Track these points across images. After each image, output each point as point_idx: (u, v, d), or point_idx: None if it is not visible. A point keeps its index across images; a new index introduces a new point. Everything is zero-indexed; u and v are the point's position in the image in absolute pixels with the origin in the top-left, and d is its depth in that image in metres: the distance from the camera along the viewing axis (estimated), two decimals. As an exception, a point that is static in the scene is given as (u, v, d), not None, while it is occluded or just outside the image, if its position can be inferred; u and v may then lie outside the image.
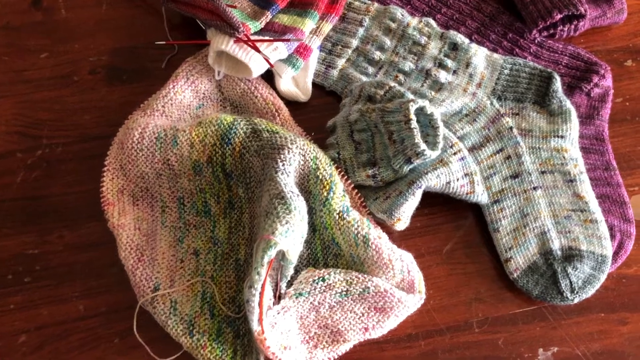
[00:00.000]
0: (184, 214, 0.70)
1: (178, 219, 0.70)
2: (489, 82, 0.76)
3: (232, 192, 0.70)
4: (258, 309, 0.58)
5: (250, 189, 0.69)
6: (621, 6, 0.81)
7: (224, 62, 0.75)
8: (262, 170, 0.67)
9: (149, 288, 0.66)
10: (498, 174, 0.73)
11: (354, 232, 0.66)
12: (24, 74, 0.78)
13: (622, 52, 0.83)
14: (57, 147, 0.75)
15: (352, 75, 0.77)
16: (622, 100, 0.80)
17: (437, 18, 0.82)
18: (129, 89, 0.78)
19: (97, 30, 0.81)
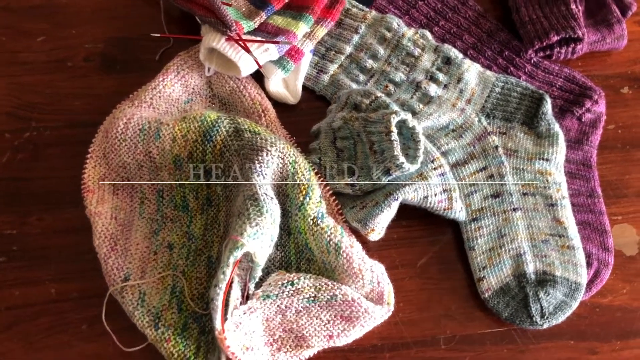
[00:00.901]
0: (162, 206, 0.71)
1: (156, 211, 0.71)
2: (479, 99, 0.76)
3: (210, 189, 0.70)
4: (221, 308, 0.59)
5: (228, 187, 0.70)
6: (621, 32, 0.80)
7: (215, 59, 0.75)
8: (240, 170, 0.67)
9: (119, 277, 0.67)
10: (479, 192, 0.72)
11: (326, 238, 0.66)
12: (19, 56, 0.79)
13: (619, 79, 0.82)
14: (46, 131, 0.76)
15: (343, 81, 0.77)
16: (615, 128, 0.79)
17: (434, 30, 0.81)
18: (122, 78, 0.79)
19: (95, 18, 0.81)
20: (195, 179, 0.70)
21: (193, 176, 0.70)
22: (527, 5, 0.80)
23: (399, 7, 0.82)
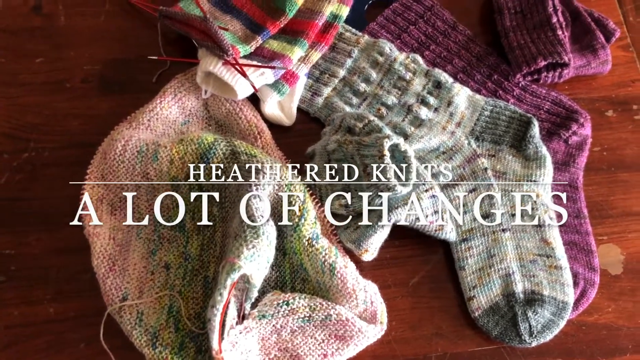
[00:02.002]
0: (158, 227, 0.72)
1: (153, 231, 0.72)
2: (469, 122, 0.78)
3: (210, 209, 0.72)
4: (218, 328, 0.60)
5: (224, 208, 0.71)
6: (606, 58, 0.83)
7: (212, 82, 0.77)
8: (237, 192, 0.69)
9: (117, 297, 0.68)
10: (469, 213, 0.74)
11: (321, 259, 0.67)
12: (18, 77, 0.80)
13: (604, 102, 0.84)
14: (44, 152, 0.77)
15: (337, 104, 0.79)
16: (600, 150, 0.82)
17: (425, 54, 0.83)
18: (119, 99, 0.80)
19: (94, 39, 0.83)
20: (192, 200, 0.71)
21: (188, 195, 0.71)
22: (515, 30, 0.83)
23: (391, 31, 0.85)
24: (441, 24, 0.85)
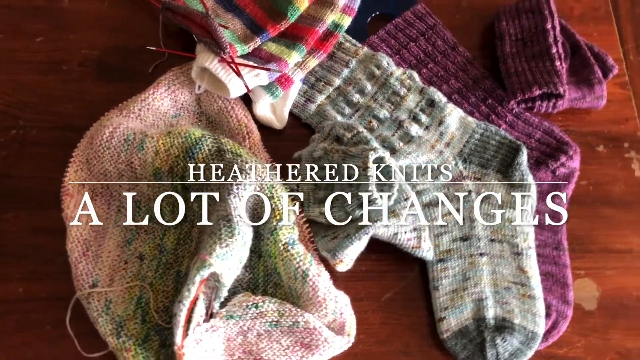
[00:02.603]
0: (137, 217, 0.72)
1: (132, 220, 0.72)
2: (458, 143, 0.78)
3: (187, 204, 0.72)
4: (183, 324, 0.60)
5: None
6: (601, 93, 0.83)
7: (207, 78, 0.77)
8: (218, 190, 0.69)
9: (87, 283, 0.68)
10: (448, 234, 0.74)
11: (295, 265, 0.67)
12: (17, 54, 0.80)
13: (595, 137, 0.84)
14: (32, 130, 0.77)
15: (329, 112, 0.79)
16: (587, 184, 0.81)
17: (422, 72, 0.84)
18: (114, 86, 0.80)
19: (95, 25, 0.83)
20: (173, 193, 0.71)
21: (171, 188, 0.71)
22: (514, 57, 0.83)
23: (391, 46, 0.85)
24: (441, 44, 0.85)
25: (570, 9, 0.92)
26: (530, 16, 0.84)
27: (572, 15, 0.92)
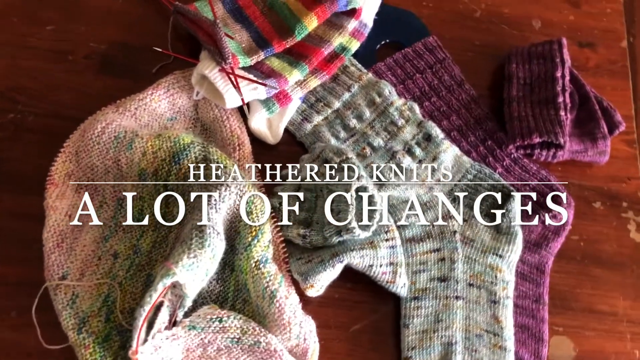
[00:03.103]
0: (118, 215, 0.72)
1: (111, 218, 0.72)
2: (450, 181, 0.77)
3: (168, 209, 0.71)
4: (139, 328, 0.59)
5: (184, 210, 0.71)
6: (604, 148, 0.81)
7: (206, 85, 0.77)
8: (198, 198, 0.68)
9: (57, 274, 0.68)
10: (427, 272, 0.73)
11: (264, 284, 0.66)
12: (26, 40, 0.82)
13: (594, 192, 0.82)
14: (29, 116, 0.78)
15: (324, 134, 0.79)
16: (578, 239, 0.79)
17: (425, 105, 0.83)
18: (115, 82, 0.81)
19: (107, 19, 0.84)
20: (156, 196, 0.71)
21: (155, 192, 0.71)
22: (519, 101, 0.82)
23: (396, 75, 0.84)
24: (448, 79, 0.84)
25: (586, 60, 0.91)
26: (541, 62, 0.83)
27: (587, 66, 0.90)
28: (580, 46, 0.92)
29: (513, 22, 0.92)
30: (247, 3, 0.82)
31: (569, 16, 0.93)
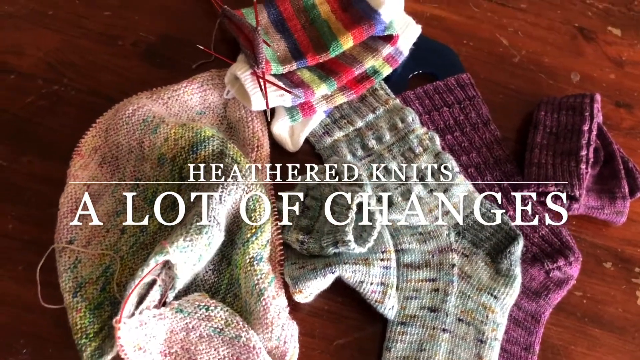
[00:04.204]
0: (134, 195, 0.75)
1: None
2: (457, 215, 0.77)
3: (180, 195, 0.74)
4: (125, 299, 0.62)
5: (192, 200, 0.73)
6: (622, 209, 0.79)
7: (237, 86, 0.80)
8: (207, 188, 0.71)
9: (65, 238, 0.71)
10: (418, 300, 0.73)
11: (254, 281, 0.68)
12: (82, 21, 0.87)
13: (606, 252, 0.81)
14: (72, 90, 0.83)
15: (342, 150, 0.80)
16: (582, 296, 0.78)
17: (446, 138, 0.83)
18: (156, 71, 0.85)
19: (160, 12, 0.89)
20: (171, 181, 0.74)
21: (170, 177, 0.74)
22: (542, 148, 0.81)
23: (424, 105, 0.85)
24: (475, 116, 0.85)
25: (621, 120, 0.90)
26: (570, 113, 0.82)
27: (621, 126, 0.89)
28: (617, 106, 0.91)
29: (551, 72, 0.92)
30: (291, 16, 0.86)
31: (610, 74, 0.93)
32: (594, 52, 0.94)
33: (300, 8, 0.86)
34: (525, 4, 0.97)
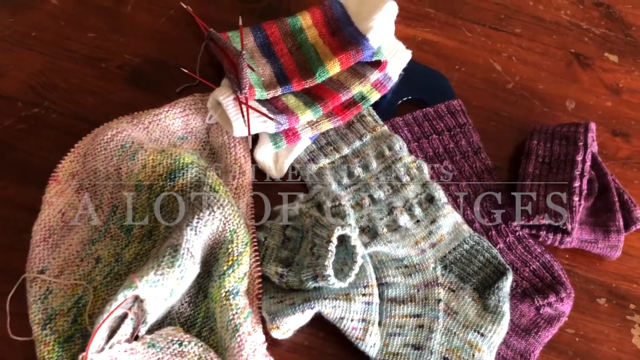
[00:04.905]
0: (110, 221, 0.73)
1: (103, 223, 0.73)
2: (444, 247, 0.74)
3: (157, 223, 0.72)
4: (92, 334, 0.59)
5: (170, 228, 0.71)
6: (616, 243, 0.76)
7: (220, 111, 0.78)
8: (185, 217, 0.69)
9: (37, 267, 0.69)
10: (402, 337, 0.70)
11: (230, 316, 0.65)
12: (67, 42, 0.86)
13: (600, 288, 0.78)
14: (52, 113, 0.81)
15: (327, 177, 0.78)
16: (574, 334, 0.75)
17: (435, 167, 0.81)
18: (139, 95, 0.83)
19: (146, 35, 0.88)
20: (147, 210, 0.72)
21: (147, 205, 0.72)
22: (534, 179, 0.79)
23: (413, 132, 0.83)
24: (465, 144, 0.82)
25: (617, 149, 0.87)
26: (564, 143, 0.80)
27: (617, 155, 0.87)
28: (614, 134, 0.88)
29: (546, 99, 0.90)
30: (277, 39, 0.84)
31: (607, 102, 0.90)
32: (590, 79, 0.92)
33: (288, 32, 0.84)
34: (519, 28, 0.94)
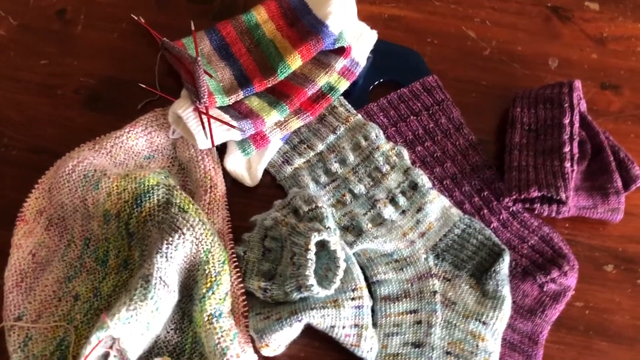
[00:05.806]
0: (84, 255, 0.70)
1: (78, 258, 0.70)
2: (434, 235, 0.70)
3: (130, 252, 0.69)
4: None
5: (144, 256, 0.68)
6: (617, 205, 0.72)
7: (182, 124, 0.74)
8: (153, 244, 0.66)
9: (13, 315, 0.67)
10: (400, 336, 0.66)
11: (215, 340, 0.62)
12: (19, 73, 0.82)
13: (606, 254, 0.73)
14: (13, 150, 0.78)
15: (304, 178, 0.74)
16: (583, 307, 0.71)
17: (417, 150, 0.77)
18: (99, 117, 0.80)
19: (100, 54, 0.84)
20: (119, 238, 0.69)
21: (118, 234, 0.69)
22: (522, 149, 0.74)
23: (389, 116, 0.79)
24: (445, 122, 0.78)
25: (608, 103, 0.82)
26: (549, 107, 0.75)
27: (609, 110, 0.81)
28: (603, 88, 0.83)
29: (526, 61, 0.84)
30: (234, 39, 0.80)
31: (592, 54, 0.85)
32: (571, 33, 0.86)
33: (244, 30, 0.80)
34: (491, -11, 0.89)
